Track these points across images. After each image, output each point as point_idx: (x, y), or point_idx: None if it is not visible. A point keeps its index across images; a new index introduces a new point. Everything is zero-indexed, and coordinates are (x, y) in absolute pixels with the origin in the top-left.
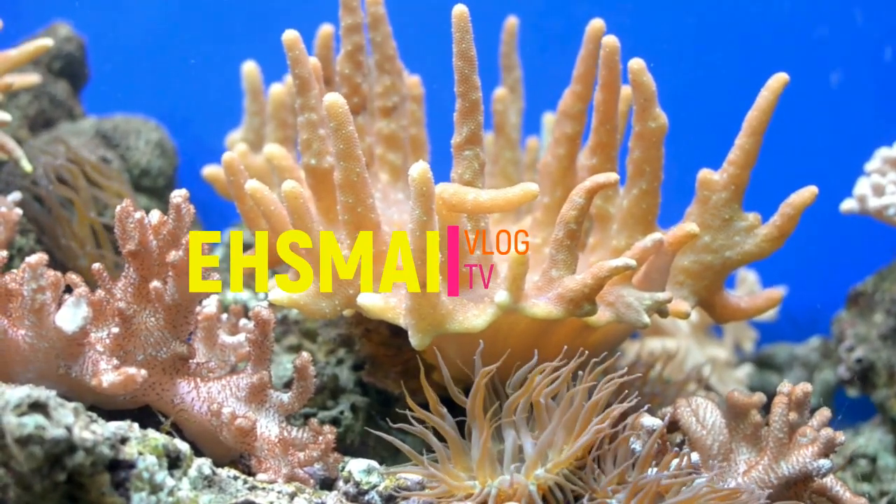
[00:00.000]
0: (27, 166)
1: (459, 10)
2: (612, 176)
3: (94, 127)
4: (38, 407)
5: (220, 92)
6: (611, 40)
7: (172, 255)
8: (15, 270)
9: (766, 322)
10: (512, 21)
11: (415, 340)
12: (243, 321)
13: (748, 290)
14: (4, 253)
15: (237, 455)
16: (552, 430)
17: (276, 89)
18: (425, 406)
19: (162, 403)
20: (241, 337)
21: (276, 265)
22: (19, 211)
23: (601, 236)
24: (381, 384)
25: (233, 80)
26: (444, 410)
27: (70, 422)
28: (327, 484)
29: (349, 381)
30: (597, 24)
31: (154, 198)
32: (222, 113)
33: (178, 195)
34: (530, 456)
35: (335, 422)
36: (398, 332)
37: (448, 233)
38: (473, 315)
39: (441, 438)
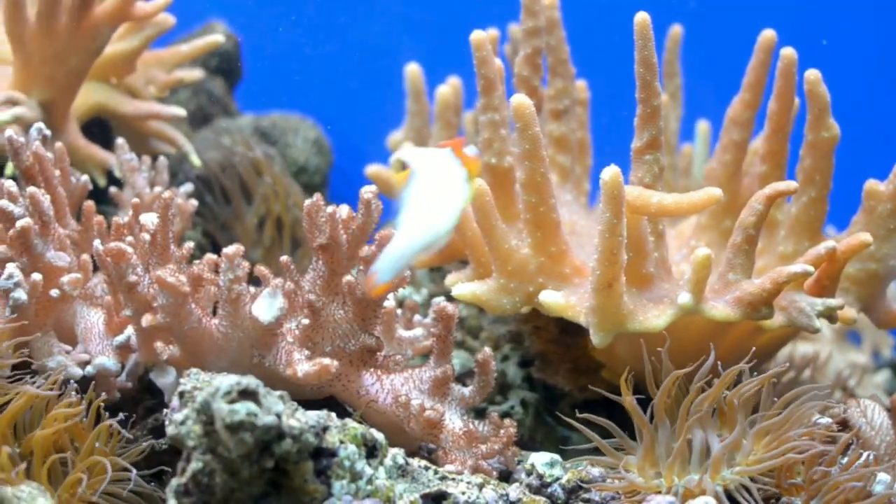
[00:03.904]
0: (196, 161)
1: (642, 17)
2: (792, 184)
3: (252, 124)
4: (247, 394)
5: (368, 92)
6: (789, 52)
7: (366, 250)
8: (197, 262)
9: None
10: (676, 29)
11: (596, 339)
12: (417, 316)
13: (893, 296)
14: (191, 244)
15: (416, 447)
16: (739, 434)
17: (443, 90)
18: (592, 403)
19: (347, 394)
20: (418, 331)
21: (452, 261)
22: (195, 202)
23: (768, 242)
24: (552, 380)
25: (380, 81)
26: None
27: (280, 409)
28: (504, 476)
29: (516, 377)
30: (768, 34)
31: (311, 194)
32: (370, 113)
33: (369, 191)
34: (715, 456)
35: (505, 416)
36: (567, 330)
37: (631, 234)
38: (654, 315)
39: (607, 435)
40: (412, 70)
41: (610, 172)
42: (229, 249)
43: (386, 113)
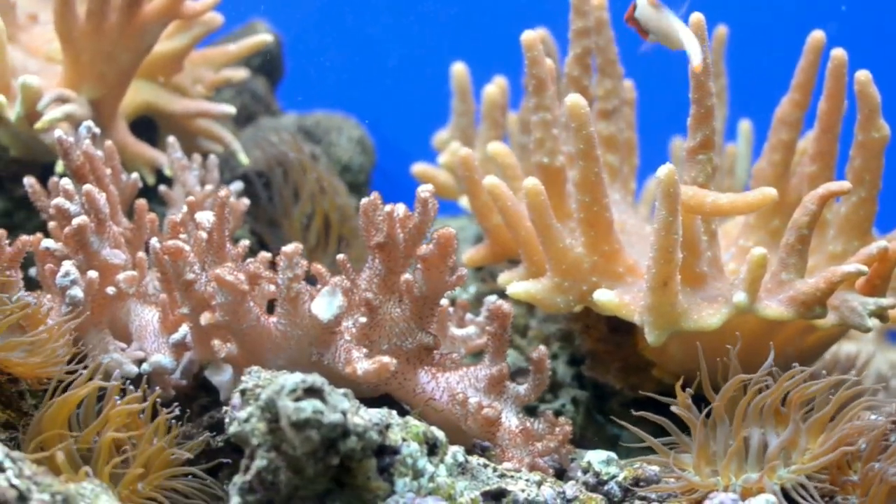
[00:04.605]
0: (244, 159)
1: (696, 18)
2: (845, 184)
3: (296, 122)
4: (312, 392)
5: (411, 91)
6: (839, 53)
7: (424, 249)
8: (251, 259)
9: None
10: (721, 30)
11: (651, 337)
12: (468, 315)
13: None
14: (246, 242)
15: (471, 444)
16: (794, 431)
17: (490, 90)
18: (643, 401)
19: (403, 392)
20: (471, 329)
21: (502, 260)
22: (246, 201)
23: (817, 241)
24: (603, 379)
25: (422, 81)
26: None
27: (345, 407)
28: (558, 474)
29: (566, 376)
30: (818, 35)
31: (354, 193)
32: (413, 112)
33: (426, 189)
34: (771, 455)
35: (557, 414)
36: (617, 328)
37: (685, 233)
38: (708, 314)
39: (658, 432)
40: (458, 70)
41: (665, 171)
42: (288, 248)
43: (428, 112)
